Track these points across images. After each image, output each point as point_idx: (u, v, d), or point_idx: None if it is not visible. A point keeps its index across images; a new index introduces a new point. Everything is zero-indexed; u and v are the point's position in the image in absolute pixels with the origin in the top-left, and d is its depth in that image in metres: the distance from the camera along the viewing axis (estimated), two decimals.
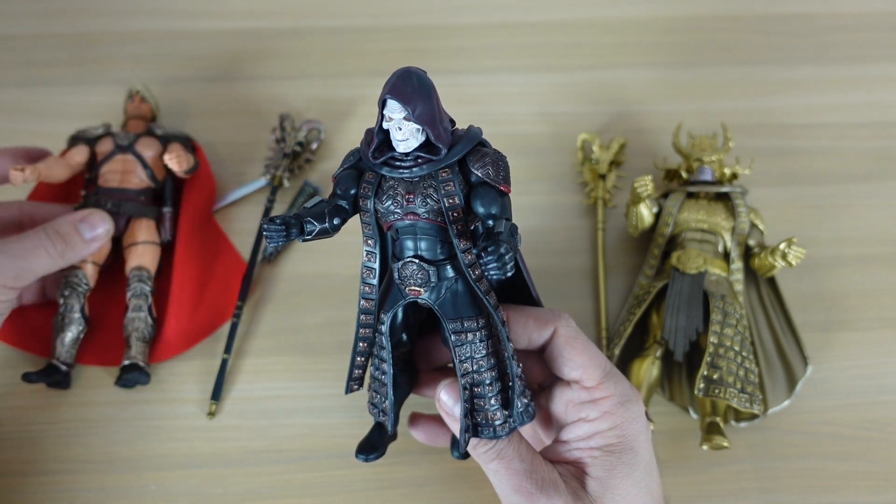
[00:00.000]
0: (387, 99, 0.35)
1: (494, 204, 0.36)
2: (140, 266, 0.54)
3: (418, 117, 0.35)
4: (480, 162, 0.37)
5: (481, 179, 0.37)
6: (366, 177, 0.38)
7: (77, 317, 0.52)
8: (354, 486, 0.49)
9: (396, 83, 0.35)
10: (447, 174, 0.36)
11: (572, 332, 0.41)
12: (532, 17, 0.74)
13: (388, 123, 0.35)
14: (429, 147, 0.36)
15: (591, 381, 0.40)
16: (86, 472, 0.50)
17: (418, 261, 0.37)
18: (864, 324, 0.56)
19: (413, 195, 0.36)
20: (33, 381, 0.51)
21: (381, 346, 0.40)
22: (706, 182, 0.57)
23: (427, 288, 0.38)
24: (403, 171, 0.36)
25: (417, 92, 0.35)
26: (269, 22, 0.73)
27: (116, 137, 0.57)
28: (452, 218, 0.36)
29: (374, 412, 0.43)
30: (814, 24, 0.74)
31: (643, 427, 0.40)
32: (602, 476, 0.39)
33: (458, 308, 0.38)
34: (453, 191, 0.36)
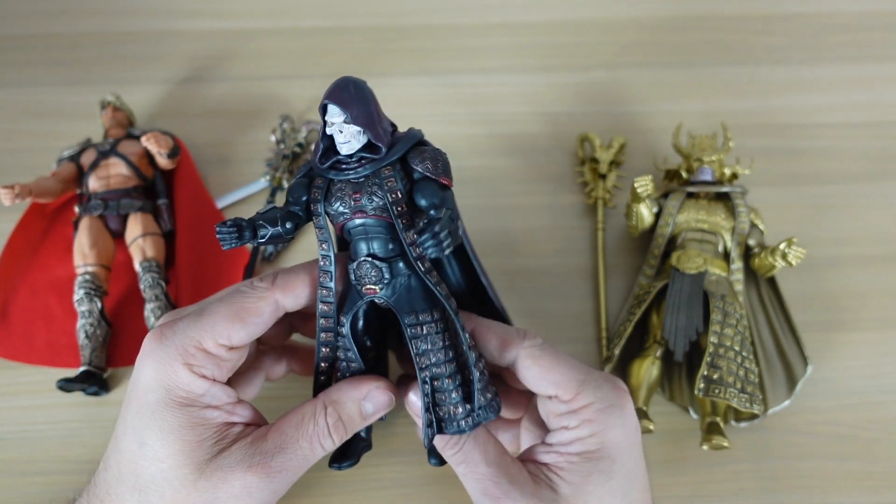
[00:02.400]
0: (326, 104, 0.37)
1: (435, 196, 0.38)
2: (148, 258, 0.54)
3: (356, 119, 0.37)
4: (420, 157, 0.38)
5: (422, 174, 0.38)
6: (315, 182, 0.40)
7: (99, 320, 0.52)
8: (354, 486, 0.49)
9: (334, 90, 0.38)
10: (389, 171, 0.38)
11: (536, 350, 0.40)
12: (532, 17, 0.74)
13: (331, 128, 0.38)
14: (370, 148, 0.38)
15: (567, 394, 0.40)
16: (86, 473, 0.49)
17: (371, 259, 0.39)
18: (864, 324, 0.56)
19: (360, 194, 0.38)
20: (70, 389, 0.50)
21: (346, 348, 0.41)
22: (706, 182, 0.57)
23: (382, 285, 0.39)
24: (349, 172, 0.38)
25: (354, 97, 0.38)
26: (269, 22, 0.73)
27: (98, 146, 0.59)
28: (397, 213, 0.38)
29: None
30: (814, 24, 0.74)
31: (626, 434, 0.39)
32: (576, 481, 0.38)
33: (413, 302, 0.39)
34: (395, 186, 0.38)
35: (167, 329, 0.39)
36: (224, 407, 0.39)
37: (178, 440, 0.37)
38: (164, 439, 0.37)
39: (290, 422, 0.40)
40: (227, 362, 0.39)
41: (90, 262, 0.54)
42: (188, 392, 0.38)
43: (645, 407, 0.49)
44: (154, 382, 0.38)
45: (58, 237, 0.58)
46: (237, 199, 0.61)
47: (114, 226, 0.56)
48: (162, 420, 0.37)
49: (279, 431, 0.39)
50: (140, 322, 0.54)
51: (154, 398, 0.37)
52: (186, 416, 0.38)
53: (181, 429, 0.37)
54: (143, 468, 0.37)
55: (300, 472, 0.39)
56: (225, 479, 0.37)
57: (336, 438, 0.40)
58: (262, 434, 0.39)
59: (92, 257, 0.54)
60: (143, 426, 0.37)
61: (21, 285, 0.56)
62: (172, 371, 0.38)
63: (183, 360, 0.38)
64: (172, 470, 0.37)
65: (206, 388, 0.38)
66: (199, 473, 0.37)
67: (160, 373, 0.38)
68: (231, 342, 0.39)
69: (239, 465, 0.37)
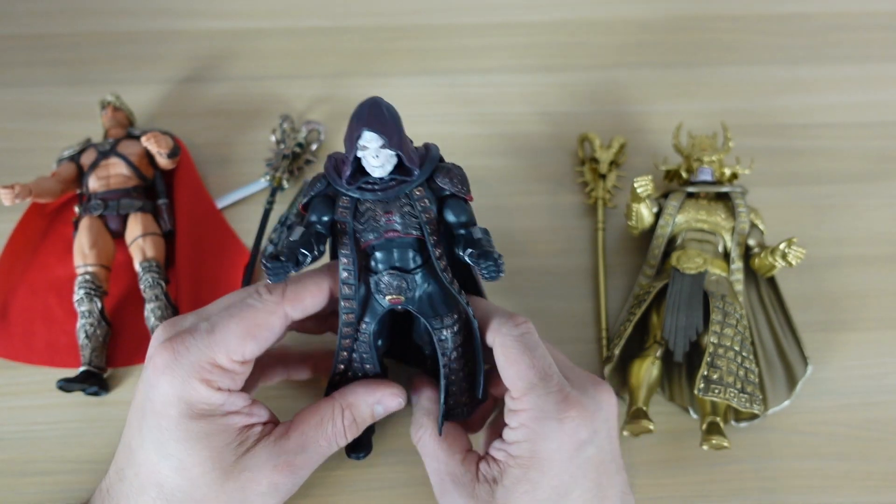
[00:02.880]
0: (364, 131, 0.37)
1: (464, 213, 0.40)
2: (148, 258, 0.54)
3: (393, 144, 0.38)
4: (447, 177, 0.40)
5: (450, 192, 0.40)
6: (340, 202, 0.40)
7: (99, 320, 0.52)
8: (354, 486, 0.49)
9: (371, 116, 0.38)
10: (421, 191, 0.40)
11: (509, 341, 0.41)
12: (532, 17, 0.74)
13: (364, 152, 0.38)
14: (399, 168, 0.39)
15: (515, 392, 0.40)
16: (86, 472, 0.50)
17: (396, 272, 0.41)
18: (864, 324, 0.56)
19: (391, 214, 0.40)
20: (70, 389, 0.50)
21: (363, 352, 0.43)
22: (706, 182, 0.57)
23: (405, 295, 0.41)
24: (380, 192, 0.40)
25: (389, 121, 0.38)
26: (269, 22, 0.73)
27: (98, 146, 0.59)
28: (430, 230, 0.40)
29: None
30: (814, 24, 0.74)
31: (560, 448, 0.39)
32: (508, 486, 0.39)
33: (435, 307, 0.42)
34: (429, 206, 0.40)
35: (179, 345, 0.39)
36: (242, 410, 0.41)
37: (204, 447, 0.38)
38: (191, 449, 0.38)
39: (310, 423, 0.42)
40: (242, 374, 0.41)
41: (90, 262, 0.54)
42: (208, 404, 0.39)
43: (645, 407, 0.49)
44: (173, 398, 0.39)
45: (58, 237, 0.58)
46: (237, 199, 0.61)
47: (114, 226, 0.56)
48: (186, 431, 0.38)
49: (300, 432, 0.42)
50: (140, 322, 0.54)
51: (175, 412, 0.38)
52: (210, 424, 0.39)
53: (207, 437, 0.39)
54: (168, 478, 0.39)
55: (316, 466, 0.43)
56: (253, 479, 0.39)
57: (349, 437, 0.44)
58: (284, 433, 0.41)
59: (92, 257, 0.54)
60: (166, 438, 0.38)
61: (21, 285, 0.56)
62: (190, 387, 0.39)
63: (199, 377, 0.39)
64: (201, 476, 0.38)
65: (224, 398, 0.40)
66: (227, 476, 0.39)
67: (178, 389, 0.39)
68: (244, 357, 0.40)
69: (266, 465, 0.40)
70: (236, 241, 0.59)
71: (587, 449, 0.39)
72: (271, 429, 0.42)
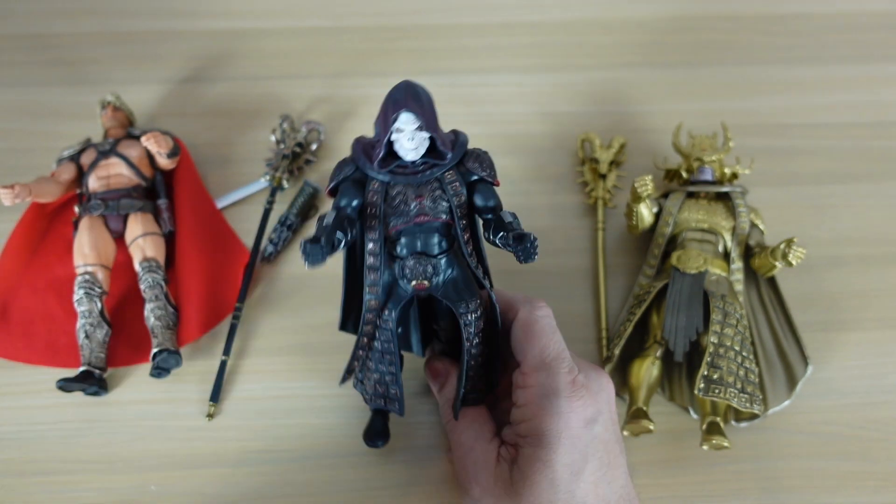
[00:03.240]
0: (401, 113, 0.37)
1: (493, 197, 0.41)
2: (147, 258, 0.54)
3: (429, 126, 0.38)
4: (477, 162, 0.41)
5: (479, 177, 0.41)
6: (371, 185, 0.40)
7: (99, 320, 0.52)
8: (354, 486, 0.49)
9: (408, 98, 0.38)
10: (452, 175, 0.40)
11: (530, 318, 0.43)
12: (532, 17, 0.74)
13: (399, 134, 0.38)
14: (430, 153, 0.40)
15: (525, 366, 0.42)
16: (86, 472, 0.50)
17: (421, 256, 0.41)
18: (864, 324, 0.56)
19: (422, 198, 0.40)
20: (70, 389, 0.50)
21: (386, 340, 0.43)
22: (706, 182, 0.57)
23: (431, 280, 0.41)
24: (411, 176, 0.40)
25: (426, 103, 0.38)
26: (269, 22, 0.73)
27: (98, 146, 0.59)
28: (460, 214, 0.40)
29: (376, 402, 0.46)
30: (814, 24, 0.74)
31: (569, 425, 0.40)
32: (523, 467, 0.40)
33: (459, 293, 0.42)
34: (460, 190, 0.40)
35: None
36: None
37: None
38: None
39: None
40: None
41: (90, 262, 0.54)
42: None
43: (645, 407, 0.49)
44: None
45: (58, 237, 0.58)
46: (237, 199, 0.61)
47: (114, 226, 0.56)
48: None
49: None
50: (140, 322, 0.54)
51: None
52: None
53: None
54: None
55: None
56: None
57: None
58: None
59: (92, 257, 0.54)
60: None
61: (21, 285, 0.56)
62: None
63: None
64: None
65: None
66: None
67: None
68: None
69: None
70: (236, 241, 0.59)
71: (594, 427, 0.41)
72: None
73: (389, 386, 0.45)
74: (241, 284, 0.56)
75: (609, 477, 0.41)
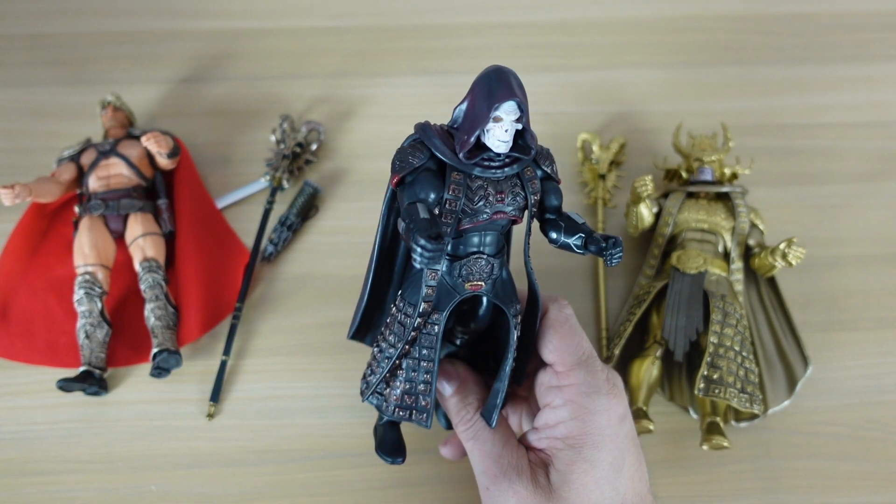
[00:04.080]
0: (507, 102, 0.34)
1: (559, 197, 0.39)
2: (148, 258, 0.54)
3: (526, 119, 0.36)
4: (547, 160, 0.39)
5: (548, 175, 0.39)
6: (452, 177, 0.36)
7: (99, 320, 0.52)
8: (354, 486, 0.49)
9: (512, 84, 0.35)
10: (531, 172, 0.38)
11: (562, 316, 0.42)
12: (532, 17, 0.74)
13: (495, 124, 0.35)
14: (514, 146, 0.37)
15: (562, 365, 0.41)
16: (86, 472, 0.50)
17: (485, 256, 0.38)
18: (864, 324, 0.56)
19: (503, 194, 0.37)
20: (70, 389, 0.50)
21: (429, 346, 0.40)
22: (706, 182, 0.57)
23: (488, 280, 0.39)
24: (495, 170, 0.37)
25: (523, 93, 0.35)
26: (269, 22, 0.73)
27: (98, 146, 0.59)
28: (534, 213, 0.38)
29: (399, 415, 0.41)
30: (814, 24, 0.74)
31: (610, 422, 0.40)
32: (563, 470, 0.39)
33: (508, 295, 0.40)
34: (538, 188, 0.38)
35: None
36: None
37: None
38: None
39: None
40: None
41: (90, 262, 0.54)
42: None
43: (645, 407, 0.49)
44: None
45: (58, 237, 0.58)
46: (237, 199, 0.61)
47: (114, 226, 0.56)
48: None
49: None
50: (140, 322, 0.54)
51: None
52: None
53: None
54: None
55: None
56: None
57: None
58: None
59: (92, 257, 0.54)
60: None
61: (21, 285, 0.56)
62: None
63: None
64: None
65: None
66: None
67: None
68: None
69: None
70: (236, 241, 0.59)
71: (626, 423, 0.41)
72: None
73: (421, 396, 0.41)
74: (241, 284, 0.56)
75: (640, 472, 0.41)
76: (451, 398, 0.44)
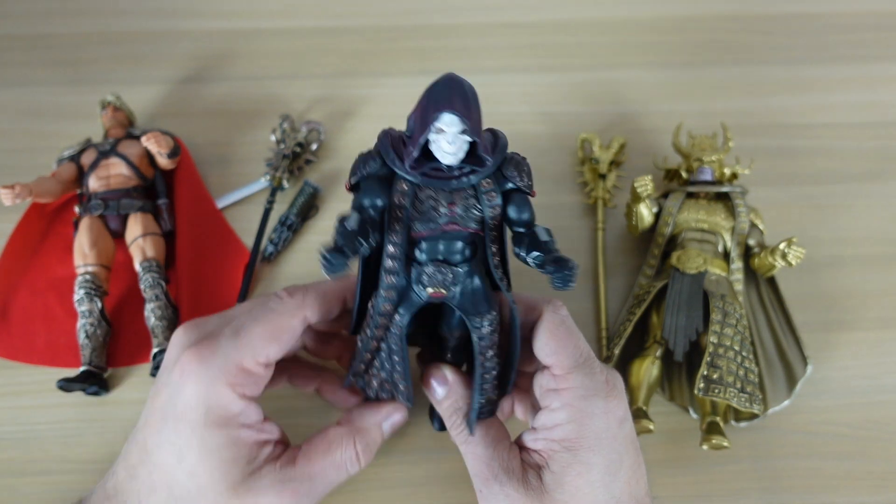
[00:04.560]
0: (444, 113, 0.34)
1: (527, 210, 0.38)
2: (148, 258, 0.54)
3: (474, 131, 0.34)
4: (516, 170, 0.37)
5: (517, 187, 0.37)
6: (398, 186, 0.37)
7: (99, 320, 0.52)
8: (354, 486, 0.49)
9: (453, 95, 0.34)
10: (489, 184, 0.37)
11: (557, 319, 0.41)
12: (532, 17, 0.74)
13: (438, 135, 0.35)
14: (468, 156, 0.36)
15: (560, 369, 0.41)
16: (86, 472, 0.50)
17: (442, 264, 0.38)
18: (864, 324, 0.56)
19: (455, 205, 0.36)
20: (70, 389, 0.50)
21: (395, 343, 0.41)
22: (706, 182, 0.57)
23: (448, 289, 0.38)
24: (446, 181, 0.36)
25: (472, 104, 0.34)
26: (269, 22, 0.73)
27: (98, 146, 0.59)
28: (492, 226, 0.37)
29: (384, 396, 0.45)
30: (814, 24, 0.74)
31: (608, 425, 0.39)
32: (557, 472, 0.39)
33: (477, 304, 0.39)
34: (496, 201, 0.37)
35: (206, 350, 0.39)
36: (255, 425, 0.41)
37: (216, 458, 0.39)
38: (203, 456, 0.38)
39: (318, 449, 0.42)
40: (263, 379, 0.41)
41: (90, 262, 0.54)
42: (227, 411, 0.39)
43: (645, 407, 0.49)
44: (196, 401, 0.39)
45: (58, 237, 0.58)
46: (237, 199, 0.61)
47: (114, 226, 0.56)
48: (202, 438, 0.38)
49: (308, 459, 0.42)
50: (140, 322, 0.54)
51: (195, 416, 0.39)
52: (225, 435, 0.39)
53: (220, 448, 0.39)
54: (180, 481, 0.39)
55: (325, 494, 0.42)
56: (257, 501, 0.39)
57: (363, 462, 0.43)
58: (291, 459, 0.41)
59: (92, 257, 0.54)
60: (184, 443, 0.39)
61: (21, 285, 0.56)
62: (216, 391, 0.39)
63: (227, 380, 0.39)
64: (209, 486, 0.39)
65: (243, 407, 0.40)
66: (233, 492, 0.39)
67: (203, 393, 0.39)
68: (268, 360, 0.41)
69: (271, 489, 0.40)
70: (236, 241, 0.59)
71: (625, 426, 0.40)
72: (281, 451, 0.42)
73: (398, 383, 0.43)
74: (242, 284, 0.56)
75: (638, 475, 0.41)
76: (443, 402, 0.44)
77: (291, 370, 0.49)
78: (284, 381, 0.49)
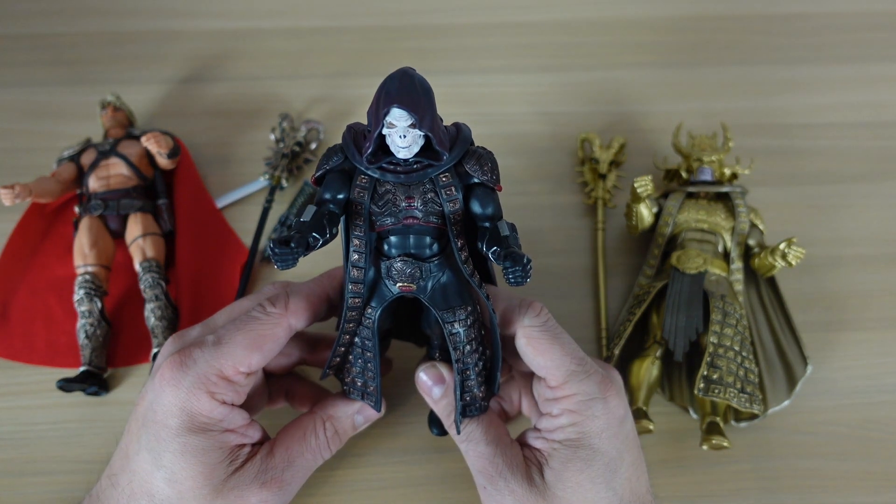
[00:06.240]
0: (392, 108, 0.34)
1: (491, 204, 0.37)
2: (148, 258, 0.54)
3: (423, 125, 0.34)
4: (477, 164, 0.37)
5: (479, 181, 0.37)
6: (357, 180, 0.37)
7: (99, 320, 0.52)
8: (354, 486, 0.49)
9: (401, 90, 0.34)
10: (448, 178, 0.37)
11: (535, 332, 0.41)
12: (532, 17, 0.74)
13: (390, 130, 0.35)
14: (426, 150, 0.36)
15: (553, 381, 0.41)
16: (86, 472, 0.50)
17: (410, 259, 0.38)
18: (864, 324, 0.56)
19: (413, 199, 0.37)
20: (70, 389, 0.50)
21: (367, 338, 0.41)
22: (706, 182, 0.57)
23: (417, 284, 0.38)
24: (403, 175, 0.36)
25: (423, 98, 0.34)
26: (269, 22, 0.73)
27: (98, 146, 0.59)
28: (453, 220, 0.37)
29: (355, 395, 0.45)
30: (814, 24, 0.74)
31: (608, 424, 0.40)
32: (558, 468, 0.40)
33: (448, 299, 0.39)
34: (455, 195, 0.37)
35: (186, 357, 0.40)
36: (238, 429, 0.41)
37: (198, 462, 0.39)
38: (184, 462, 0.39)
39: (293, 437, 0.43)
40: (245, 387, 0.41)
41: (90, 262, 0.54)
42: (209, 418, 0.39)
43: (645, 407, 0.49)
44: (175, 408, 0.39)
45: (58, 237, 0.58)
46: (237, 198, 0.61)
47: (114, 226, 0.56)
48: (182, 444, 0.39)
49: (284, 447, 0.42)
50: (140, 322, 0.54)
51: (175, 423, 0.39)
52: (206, 440, 0.39)
53: (201, 452, 0.39)
54: (159, 489, 0.39)
55: (305, 480, 0.43)
56: (241, 497, 0.39)
57: (333, 449, 0.45)
58: (269, 451, 0.42)
59: (92, 257, 0.54)
60: (162, 449, 0.39)
61: (21, 285, 0.56)
62: (195, 398, 0.39)
63: (205, 388, 0.39)
64: (191, 490, 0.39)
65: (225, 413, 0.40)
66: (217, 493, 0.39)
67: (182, 400, 0.39)
68: (250, 368, 0.40)
69: (254, 483, 0.40)
70: (236, 241, 0.59)
71: (626, 424, 0.41)
72: (259, 447, 0.42)
73: (368, 382, 0.44)
74: (240, 283, 0.56)
75: (639, 472, 0.41)
76: (439, 401, 0.44)
77: (290, 389, 0.49)
78: (282, 400, 0.49)
